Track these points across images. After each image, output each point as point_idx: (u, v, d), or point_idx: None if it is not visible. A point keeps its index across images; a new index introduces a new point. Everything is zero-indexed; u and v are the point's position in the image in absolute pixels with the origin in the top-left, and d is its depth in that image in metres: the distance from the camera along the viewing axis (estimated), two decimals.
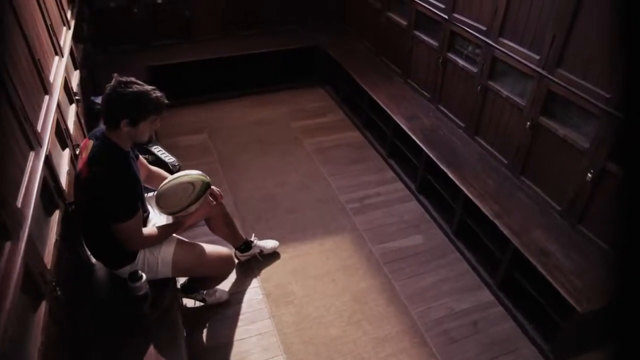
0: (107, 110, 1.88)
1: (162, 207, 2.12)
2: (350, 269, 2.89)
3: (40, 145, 1.79)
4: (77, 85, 2.77)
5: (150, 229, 2.09)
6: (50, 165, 1.84)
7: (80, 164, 1.95)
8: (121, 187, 1.89)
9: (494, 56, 2.83)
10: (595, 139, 2.28)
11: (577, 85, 2.32)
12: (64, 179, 2.02)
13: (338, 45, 4.58)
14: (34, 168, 1.67)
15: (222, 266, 2.37)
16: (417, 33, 3.60)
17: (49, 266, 1.61)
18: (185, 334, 2.27)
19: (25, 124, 1.65)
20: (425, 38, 3.50)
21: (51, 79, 2.17)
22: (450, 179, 2.91)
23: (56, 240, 1.74)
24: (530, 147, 2.71)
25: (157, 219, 2.30)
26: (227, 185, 3.51)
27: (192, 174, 2.15)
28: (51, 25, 2.35)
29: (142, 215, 2.04)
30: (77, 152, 2.32)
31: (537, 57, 2.52)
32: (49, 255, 1.66)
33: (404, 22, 3.74)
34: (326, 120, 4.34)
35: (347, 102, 4.41)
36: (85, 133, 2.70)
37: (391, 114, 3.51)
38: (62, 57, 2.48)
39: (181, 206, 2.08)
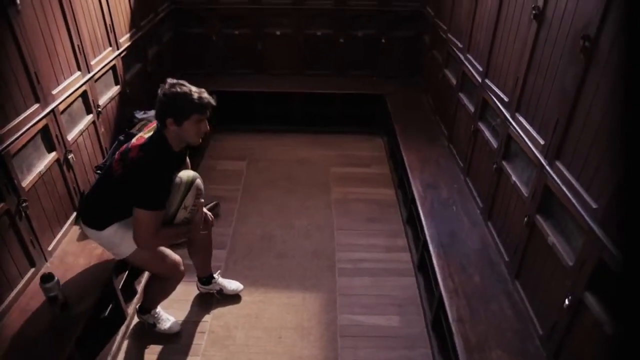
0: (156, 109, 2.05)
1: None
2: (304, 331, 2.67)
3: None
4: (110, 98, 3.13)
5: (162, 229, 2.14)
6: (4, 163, 2.10)
7: (136, 140, 2.15)
8: (154, 181, 2.03)
9: (509, 134, 2.41)
10: (580, 259, 1.77)
11: (569, 185, 1.84)
12: (29, 178, 2.28)
13: (402, 97, 4.38)
14: None
15: (172, 267, 2.38)
16: (461, 95, 3.25)
17: None
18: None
19: None
20: (466, 102, 3.14)
21: (54, 91, 2.48)
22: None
23: None
24: (526, 248, 2.22)
25: None
26: (236, 215, 3.56)
27: (182, 173, 2.17)
28: (79, 45, 2.71)
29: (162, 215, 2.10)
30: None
31: (542, 143, 2.08)
32: None
33: (454, 82, 3.42)
34: (368, 171, 4.14)
35: (394, 156, 4.16)
36: (102, 141, 3.03)
37: (411, 178, 3.20)
38: (88, 73, 2.82)
39: (176, 203, 2.12)
